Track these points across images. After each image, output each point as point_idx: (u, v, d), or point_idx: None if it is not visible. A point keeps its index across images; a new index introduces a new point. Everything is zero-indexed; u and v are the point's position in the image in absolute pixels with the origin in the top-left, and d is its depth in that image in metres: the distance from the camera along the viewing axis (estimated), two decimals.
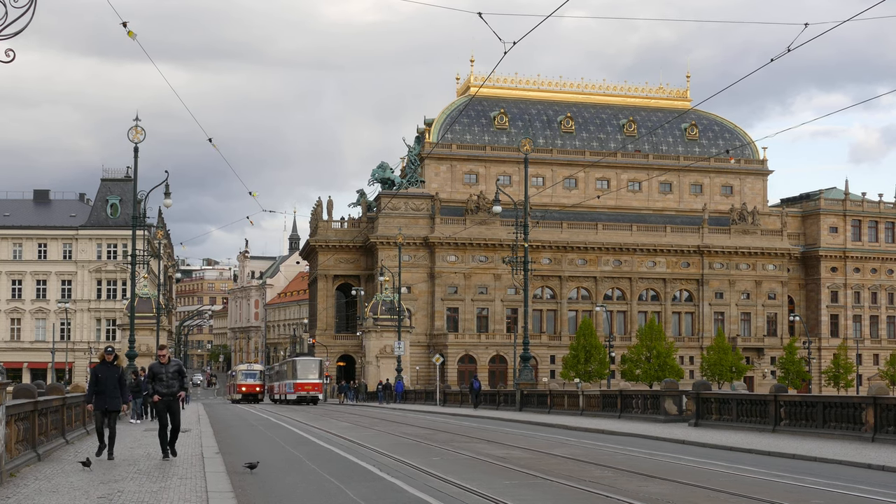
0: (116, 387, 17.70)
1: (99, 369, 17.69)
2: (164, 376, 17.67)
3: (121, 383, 17.79)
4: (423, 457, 19.79)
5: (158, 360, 18.06)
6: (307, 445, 24.30)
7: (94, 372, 17.77)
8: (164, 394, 17.55)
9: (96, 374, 17.65)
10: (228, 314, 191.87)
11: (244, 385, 77.70)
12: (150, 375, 18.01)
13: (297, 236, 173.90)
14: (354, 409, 57.49)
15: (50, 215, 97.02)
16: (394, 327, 75.65)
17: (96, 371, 17.69)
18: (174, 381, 17.70)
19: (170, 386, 17.61)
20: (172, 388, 17.64)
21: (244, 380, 78.61)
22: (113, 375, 17.67)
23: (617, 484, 14.98)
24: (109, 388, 17.59)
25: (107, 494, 12.61)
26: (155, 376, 17.76)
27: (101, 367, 17.70)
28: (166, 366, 17.82)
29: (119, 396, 17.75)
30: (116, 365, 17.88)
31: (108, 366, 17.69)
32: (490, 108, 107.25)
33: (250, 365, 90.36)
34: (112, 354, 17.90)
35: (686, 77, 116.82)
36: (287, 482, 15.61)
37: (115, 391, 17.69)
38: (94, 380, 17.70)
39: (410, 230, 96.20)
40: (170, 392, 17.58)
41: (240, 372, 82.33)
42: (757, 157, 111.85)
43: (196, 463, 16.72)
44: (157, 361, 18.17)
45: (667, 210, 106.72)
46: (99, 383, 17.62)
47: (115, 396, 17.70)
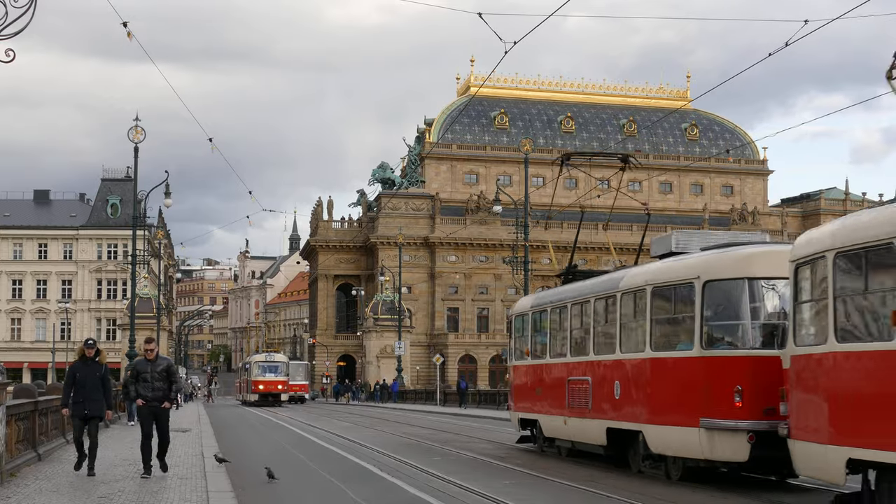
0: (98, 388, 14.81)
1: (77, 367, 14.88)
2: (148, 376, 14.77)
3: (104, 384, 14.89)
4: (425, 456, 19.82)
5: (145, 355, 15.10)
6: (308, 445, 24.32)
7: (71, 371, 14.96)
8: (149, 398, 14.70)
9: (74, 373, 14.84)
10: (229, 314, 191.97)
11: (262, 382, 63.03)
12: (132, 374, 15.16)
13: (298, 236, 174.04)
14: (354, 409, 57.52)
15: (50, 215, 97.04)
16: (394, 327, 75.65)
17: (74, 369, 14.89)
18: (161, 382, 14.80)
19: (155, 389, 14.75)
20: (159, 391, 14.79)
21: (262, 375, 63.46)
22: (94, 374, 14.80)
23: (608, 481, 15.00)
24: (90, 389, 14.71)
25: (107, 494, 12.61)
26: (138, 375, 14.87)
27: (80, 364, 14.88)
28: (153, 363, 14.83)
29: (102, 399, 14.84)
30: (98, 362, 14.94)
31: (88, 363, 14.87)
32: (490, 108, 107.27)
33: (270, 355, 70.45)
34: (93, 349, 15.01)
35: (686, 77, 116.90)
36: (288, 482, 15.61)
37: (96, 393, 14.78)
38: (70, 380, 14.90)
39: (411, 230, 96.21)
40: (155, 396, 14.73)
41: (256, 364, 64.93)
42: (757, 157, 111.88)
43: (196, 463, 16.71)
44: (142, 358, 15.23)
45: (667, 210, 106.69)
46: (77, 384, 14.80)
47: (96, 399, 14.78)
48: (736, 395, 13.79)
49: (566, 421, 18.98)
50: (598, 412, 17.41)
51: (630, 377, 16.27)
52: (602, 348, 17.51)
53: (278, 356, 70.00)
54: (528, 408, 21.43)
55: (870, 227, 10.63)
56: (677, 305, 15.23)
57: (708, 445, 14.09)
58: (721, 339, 14.43)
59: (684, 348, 14.83)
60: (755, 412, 13.66)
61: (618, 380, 16.60)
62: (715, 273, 14.38)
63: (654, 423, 15.44)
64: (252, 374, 64.01)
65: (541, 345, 21.05)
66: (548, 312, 20.56)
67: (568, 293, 19.59)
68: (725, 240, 15.97)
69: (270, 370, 63.67)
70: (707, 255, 14.94)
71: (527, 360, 21.75)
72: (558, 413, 19.38)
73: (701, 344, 14.33)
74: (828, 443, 11.00)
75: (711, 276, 14.38)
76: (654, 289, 15.63)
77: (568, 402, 18.85)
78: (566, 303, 19.29)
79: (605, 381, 17.18)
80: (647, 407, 15.66)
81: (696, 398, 14.42)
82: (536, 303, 21.52)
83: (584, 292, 18.60)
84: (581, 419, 18.26)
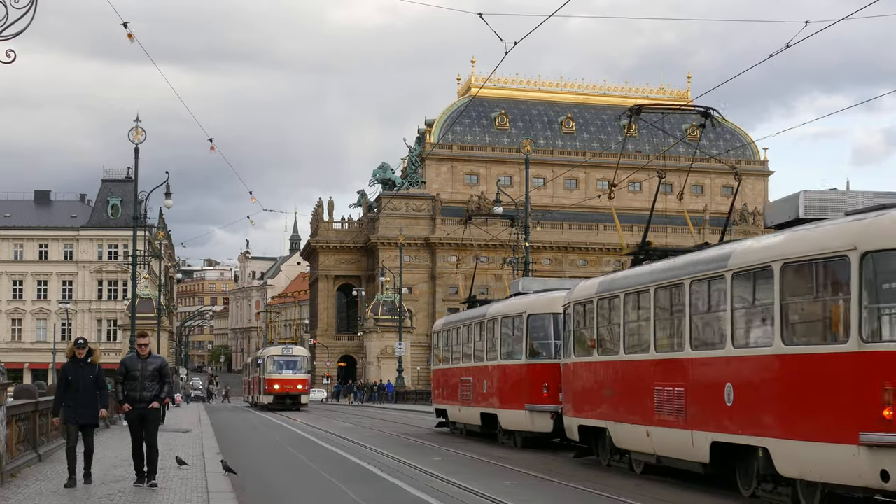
0: (92, 392, 13.45)
1: (69, 369, 13.53)
2: (139, 374, 13.39)
3: (98, 386, 13.54)
4: (426, 456, 19.83)
5: (137, 351, 13.73)
6: (308, 446, 24.33)
7: (62, 373, 13.65)
8: (137, 400, 13.36)
9: (65, 375, 13.51)
10: (229, 315, 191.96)
11: (279, 380, 52.46)
12: (120, 372, 13.55)
13: (299, 237, 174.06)
14: (355, 409, 57.50)
15: (51, 216, 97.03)
16: (395, 328, 75.62)
17: (65, 371, 13.56)
18: (152, 383, 13.43)
19: (146, 389, 13.37)
20: (148, 392, 13.39)
21: (278, 372, 52.90)
22: (87, 377, 13.43)
23: (607, 481, 15.00)
24: (82, 393, 13.37)
25: (108, 495, 12.60)
26: (127, 373, 13.46)
27: (72, 366, 13.53)
28: (145, 361, 13.49)
29: (96, 405, 13.49)
30: (91, 363, 13.56)
31: (80, 364, 13.51)
32: (491, 109, 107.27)
33: (288, 347, 58.64)
34: (84, 349, 13.59)
35: (687, 78, 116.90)
36: (288, 482, 15.61)
37: (90, 398, 13.42)
38: (62, 383, 13.54)
39: (411, 231, 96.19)
40: (143, 398, 13.36)
41: (270, 359, 53.87)
42: (758, 157, 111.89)
43: (197, 463, 16.71)
44: (133, 354, 13.94)
45: (667, 211, 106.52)
46: (69, 388, 13.43)
47: (90, 406, 13.43)
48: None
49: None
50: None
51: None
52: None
53: (297, 348, 58.30)
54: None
55: (584, 289, 18.77)
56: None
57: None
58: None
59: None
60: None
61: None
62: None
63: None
64: (265, 371, 53.18)
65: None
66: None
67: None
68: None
69: (288, 366, 52.89)
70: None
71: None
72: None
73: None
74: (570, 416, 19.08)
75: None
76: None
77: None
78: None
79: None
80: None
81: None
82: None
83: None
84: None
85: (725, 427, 13.13)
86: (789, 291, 11.92)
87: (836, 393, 11.09)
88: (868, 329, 10.76)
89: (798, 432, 11.58)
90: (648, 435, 15.36)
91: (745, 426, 12.66)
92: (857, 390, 10.78)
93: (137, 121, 35.32)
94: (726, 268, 13.26)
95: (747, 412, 12.62)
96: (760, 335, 12.55)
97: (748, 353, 12.72)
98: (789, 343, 11.84)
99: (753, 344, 12.69)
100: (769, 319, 12.23)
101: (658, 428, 15.02)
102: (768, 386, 12.23)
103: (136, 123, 35.14)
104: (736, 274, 13.02)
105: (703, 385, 13.84)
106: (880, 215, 11.12)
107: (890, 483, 10.46)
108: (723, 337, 13.31)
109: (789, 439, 11.72)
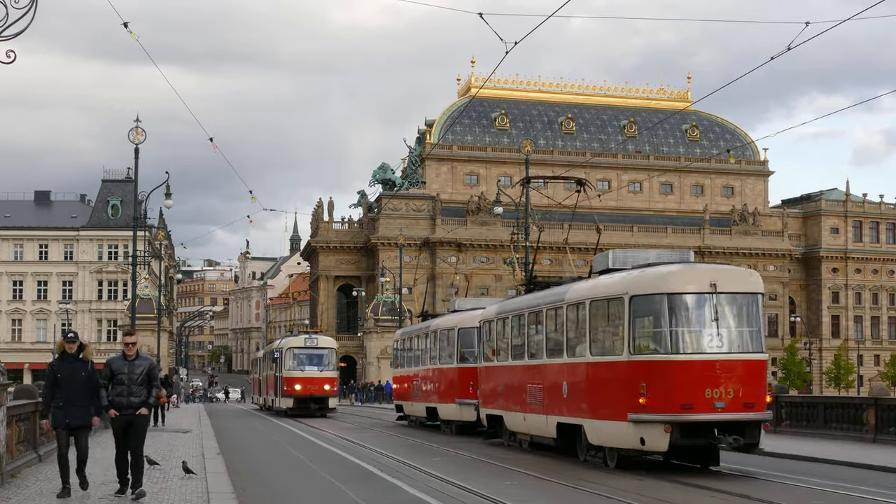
0: (84, 392, 12.24)
1: (58, 366, 12.31)
2: (125, 377, 12.22)
3: (92, 385, 12.33)
4: (425, 457, 19.84)
5: (123, 352, 12.54)
6: (308, 446, 24.33)
7: (50, 370, 12.37)
8: (124, 406, 12.18)
9: (54, 373, 12.27)
10: (229, 315, 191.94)
11: (300, 379, 42.11)
12: (105, 374, 12.36)
13: (299, 237, 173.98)
14: (355, 409, 57.50)
15: (51, 216, 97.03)
16: (395, 328, 75.55)
17: (55, 369, 12.31)
18: (140, 387, 12.28)
19: (133, 394, 12.22)
20: (136, 397, 12.25)
21: (300, 368, 42.59)
22: (78, 374, 12.24)
23: (607, 482, 15.00)
24: (73, 393, 12.19)
25: (108, 495, 12.60)
26: (113, 377, 12.28)
27: (61, 363, 12.33)
28: (132, 363, 12.31)
29: (88, 405, 12.30)
30: (83, 359, 12.39)
31: (70, 361, 12.33)
32: (491, 109, 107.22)
33: (311, 338, 45.43)
34: (75, 343, 12.38)
35: (687, 78, 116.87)
36: (288, 482, 15.61)
37: (81, 398, 12.23)
38: (51, 382, 12.32)
39: (411, 231, 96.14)
40: (130, 404, 12.20)
41: (290, 352, 43.19)
42: (758, 157, 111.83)
43: (197, 463, 16.71)
44: (119, 355, 12.62)
45: (668, 211, 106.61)
46: (59, 386, 12.22)
47: (81, 406, 12.25)
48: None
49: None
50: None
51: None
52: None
53: (324, 338, 46.83)
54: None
55: (490, 311, 24.03)
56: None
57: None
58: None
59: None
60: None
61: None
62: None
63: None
64: (284, 368, 42.89)
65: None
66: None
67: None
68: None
69: (312, 361, 43.10)
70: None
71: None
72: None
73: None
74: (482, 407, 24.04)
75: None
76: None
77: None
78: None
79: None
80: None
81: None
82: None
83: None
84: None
85: (564, 412, 18.74)
86: (594, 319, 17.56)
87: (617, 387, 16.71)
88: (634, 345, 16.34)
89: (599, 414, 17.24)
90: (525, 420, 21.04)
91: (573, 411, 18.29)
92: (627, 386, 16.30)
93: (137, 121, 35.32)
94: (564, 301, 18.87)
95: (574, 401, 18.27)
96: (580, 349, 18.06)
97: (574, 360, 18.35)
98: (594, 354, 17.52)
99: (577, 354, 18.17)
100: (584, 337, 17.83)
101: (529, 414, 20.67)
102: (583, 383, 17.95)
103: (136, 124, 35.15)
104: (569, 305, 18.60)
105: (552, 383, 19.33)
106: (643, 272, 16.72)
107: (646, 445, 16.01)
108: (562, 349, 18.92)
109: (594, 419, 17.40)
